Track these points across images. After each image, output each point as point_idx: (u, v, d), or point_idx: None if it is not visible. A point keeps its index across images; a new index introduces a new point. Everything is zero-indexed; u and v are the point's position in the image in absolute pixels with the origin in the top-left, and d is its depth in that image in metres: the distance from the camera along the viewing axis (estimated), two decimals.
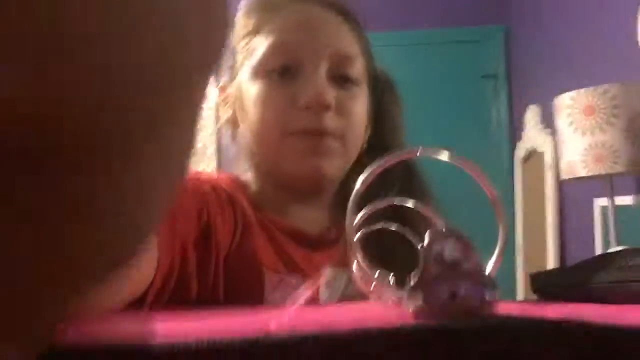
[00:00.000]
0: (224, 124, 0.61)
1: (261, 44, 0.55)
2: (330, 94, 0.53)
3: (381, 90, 0.62)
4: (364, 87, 0.58)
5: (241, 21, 0.58)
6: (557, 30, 2.24)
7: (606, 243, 1.73)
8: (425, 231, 0.28)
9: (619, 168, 1.39)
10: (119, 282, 0.31)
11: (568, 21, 2.12)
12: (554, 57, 2.28)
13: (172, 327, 0.27)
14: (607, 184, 1.52)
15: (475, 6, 2.87)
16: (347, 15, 0.57)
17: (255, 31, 0.56)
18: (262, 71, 0.55)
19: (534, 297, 0.38)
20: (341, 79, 0.55)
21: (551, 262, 2.16)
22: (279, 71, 0.54)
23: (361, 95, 0.58)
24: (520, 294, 2.58)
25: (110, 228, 0.16)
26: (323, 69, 0.53)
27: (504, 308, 0.28)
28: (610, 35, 1.77)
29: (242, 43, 0.57)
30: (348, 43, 0.56)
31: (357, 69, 0.57)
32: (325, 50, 0.54)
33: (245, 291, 0.52)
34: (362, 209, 0.32)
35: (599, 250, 1.84)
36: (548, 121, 2.35)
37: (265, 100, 0.54)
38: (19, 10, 0.11)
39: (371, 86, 0.60)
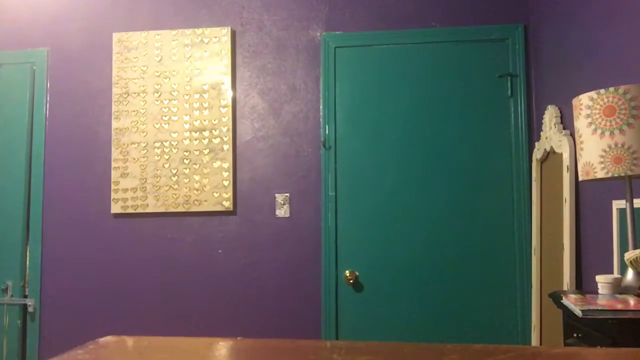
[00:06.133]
0: None
1: None
2: None
3: None
4: None
5: None
6: (577, 30, 2.21)
7: (624, 246, 1.71)
8: None
9: (638, 170, 1.38)
10: None
11: (588, 21, 2.10)
12: (573, 57, 2.26)
13: None
14: (625, 186, 1.50)
15: (495, 4, 2.85)
16: None
17: None
18: None
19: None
20: None
21: (567, 264, 2.14)
22: None
23: None
24: (534, 294, 2.56)
25: None
26: None
27: None
28: (632, 35, 1.74)
29: None
30: None
31: None
32: None
33: None
34: None
35: (616, 253, 1.82)
36: (567, 121, 2.33)
37: None
38: None
39: None
